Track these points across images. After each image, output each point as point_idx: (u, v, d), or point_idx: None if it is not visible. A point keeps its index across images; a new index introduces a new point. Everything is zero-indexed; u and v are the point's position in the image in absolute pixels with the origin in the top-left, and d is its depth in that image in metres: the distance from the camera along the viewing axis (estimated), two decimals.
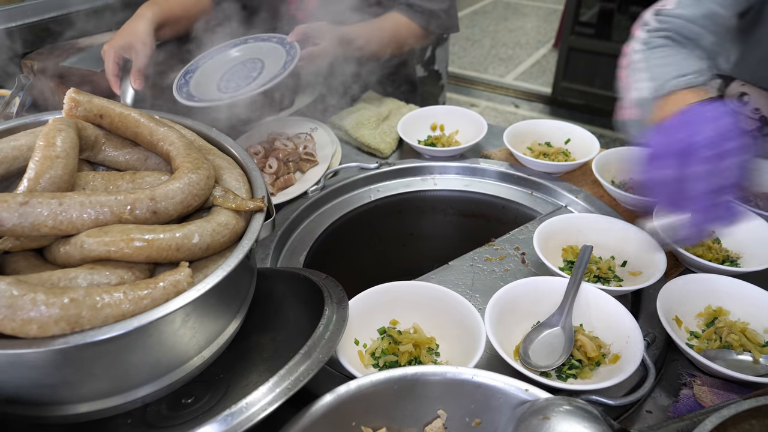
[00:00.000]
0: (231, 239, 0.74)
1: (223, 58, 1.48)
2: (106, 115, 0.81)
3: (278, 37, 1.47)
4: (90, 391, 0.64)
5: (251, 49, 1.49)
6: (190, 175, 0.74)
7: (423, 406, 0.70)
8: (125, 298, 0.62)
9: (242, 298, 0.80)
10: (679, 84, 0.96)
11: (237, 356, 0.80)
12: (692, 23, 1.11)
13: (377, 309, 0.92)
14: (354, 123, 1.50)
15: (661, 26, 1.14)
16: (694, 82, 0.96)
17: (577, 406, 0.64)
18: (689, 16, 1.11)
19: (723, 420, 0.69)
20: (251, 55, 1.47)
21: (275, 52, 1.43)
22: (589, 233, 1.08)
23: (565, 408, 0.64)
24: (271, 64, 1.38)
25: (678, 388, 0.85)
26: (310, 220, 1.24)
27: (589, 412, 0.63)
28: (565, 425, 0.62)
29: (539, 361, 0.85)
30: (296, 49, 1.38)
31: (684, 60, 1.04)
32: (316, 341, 0.70)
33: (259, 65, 1.42)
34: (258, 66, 1.41)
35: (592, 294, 0.91)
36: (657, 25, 1.14)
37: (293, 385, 0.64)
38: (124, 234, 0.66)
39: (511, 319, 0.90)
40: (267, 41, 1.49)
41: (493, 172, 1.36)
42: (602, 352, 0.86)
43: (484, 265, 1.11)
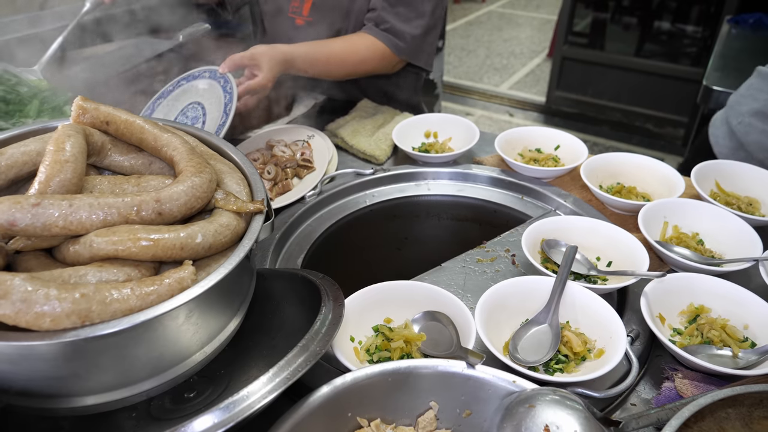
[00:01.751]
0: (232, 239, 0.77)
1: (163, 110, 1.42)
2: (112, 121, 0.84)
3: (210, 71, 1.41)
4: (97, 383, 0.67)
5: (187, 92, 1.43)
6: (194, 179, 0.77)
7: (416, 397, 0.73)
8: (133, 294, 0.65)
9: (242, 297, 0.83)
10: None
11: (237, 353, 0.83)
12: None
13: (372, 307, 0.96)
14: (350, 131, 1.54)
15: None
16: None
17: (561, 395, 0.67)
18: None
19: (700, 408, 0.72)
20: (189, 99, 1.41)
21: (213, 91, 1.37)
22: (576, 235, 1.12)
23: (550, 397, 0.67)
24: (212, 107, 1.33)
25: (661, 381, 0.88)
26: (308, 224, 1.27)
27: (572, 401, 0.66)
28: (550, 413, 0.65)
29: (527, 357, 0.88)
30: (232, 84, 1.33)
31: None
32: (313, 335, 0.73)
33: (200, 109, 1.36)
34: (199, 111, 1.36)
35: (578, 292, 0.95)
36: None
37: (291, 375, 0.67)
38: (131, 233, 0.69)
39: (500, 316, 0.94)
40: (200, 78, 1.43)
41: (485, 177, 1.40)
42: (587, 347, 0.90)
43: (476, 267, 1.15)
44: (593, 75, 4.61)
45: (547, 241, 1.11)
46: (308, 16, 1.69)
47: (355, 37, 1.61)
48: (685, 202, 1.21)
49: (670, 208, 1.19)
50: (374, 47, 1.60)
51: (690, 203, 1.20)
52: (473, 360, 0.73)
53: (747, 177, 1.31)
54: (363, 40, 1.60)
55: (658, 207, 1.19)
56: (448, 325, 0.90)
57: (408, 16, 1.61)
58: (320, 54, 1.54)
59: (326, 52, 1.55)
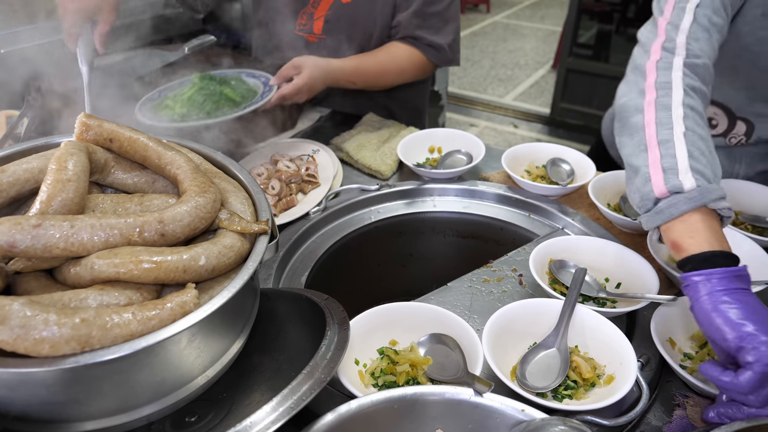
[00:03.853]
0: (236, 261, 0.76)
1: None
2: (116, 139, 0.83)
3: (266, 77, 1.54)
4: (97, 409, 0.66)
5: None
6: (197, 199, 0.76)
7: (422, 425, 0.72)
8: (134, 319, 0.64)
9: (246, 319, 0.82)
10: (718, 205, 0.87)
11: (240, 375, 0.81)
12: (711, 64, 1.05)
13: (377, 329, 0.94)
14: (355, 145, 1.53)
15: (693, 62, 1.02)
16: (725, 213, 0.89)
17: (572, 427, 0.65)
18: (710, 55, 1.05)
19: None
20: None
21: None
22: (584, 255, 1.10)
23: (560, 428, 0.66)
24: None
25: (672, 408, 0.86)
26: (312, 241, 1.26)
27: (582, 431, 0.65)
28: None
29: (536, 382, 0.86)
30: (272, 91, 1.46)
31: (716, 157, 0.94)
32: (318, 361, 0.72)
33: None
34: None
35: (587, 316, 0.93)
36: (689, 58, 1.02)
37: (296, 404, 0.65)
38: (133, 256, 0.68)
39: (507, 340, 0.92)
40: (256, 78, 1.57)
41: (491, 194, 1.39)
42: (597, 373, 0.88)
43: (482, 287, 1.13)
44: (598, 87, 4.60)
45: (555, 261, 1.09)
46: (321, 33, 1.69)
47: (394, 48, 1.67)
48: None
49: None
50: (413, 57, 1.67)
51: None
52: (481, 388, 0.72)
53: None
54: (402, 51, 1.67)
55: None
56: (454, 349, 0.88)
57: (439, 27, 1.67)
58: (368, 67, 1.62)
59: (373, 64, 1.63)
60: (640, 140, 0.95)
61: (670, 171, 0.89)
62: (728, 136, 1.41)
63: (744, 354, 0.75)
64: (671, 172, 0.89)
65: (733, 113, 1.38)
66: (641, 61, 1.05)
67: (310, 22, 1.70)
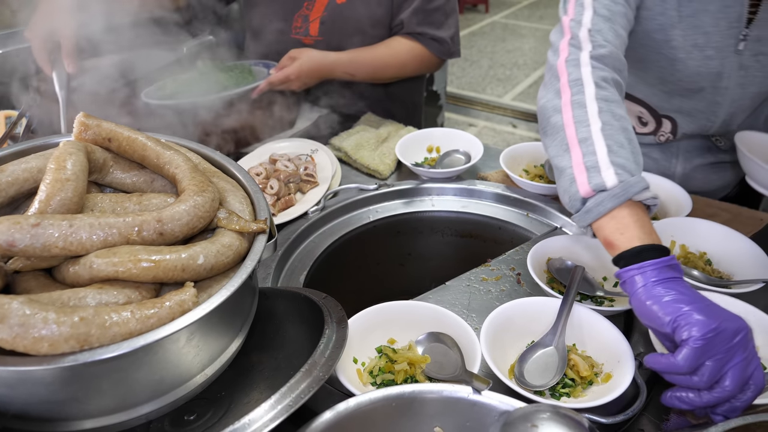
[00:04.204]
0: (234, 260, 0.76)
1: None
2: (115, 138, 0.84)
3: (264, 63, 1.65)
4: (96, 407, 0.66)
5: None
6: (196, 198, 0.76)
7: (420, 423, 0.72)
8: (132, 317, 0.64)
9: (244, 317, 0.82)
10: (642, 196, 0.88)
11: (238, 374, 0.82)
12: (619, 51, 1.06)
13: (376, 328, 0.94)
14: (353, 145, 1.53)
15: (600, 52, 1.03)
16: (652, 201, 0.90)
17: (562, 414, 0.66)
18: (615, 42, 1.06)
19: None
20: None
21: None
22: (582, 254, 1.10)
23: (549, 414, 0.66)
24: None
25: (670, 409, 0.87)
26: (310, 240, 1.26)
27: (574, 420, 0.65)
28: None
29: (533, 380, 0.87)
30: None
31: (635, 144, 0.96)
32: (316, 360, 0.72)
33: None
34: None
35: (585, 314, 0.93)
36: (594, 49, 1.03)
37: (294, 402, 0.66)
38: (131, 255, 0.68)
39: (505, 338, 0.92)
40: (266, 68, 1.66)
41: (489, 193, 1.39)
42: (595, 371, 0.89)
43: (481, 285, 1.14)
44: None
45: (552, 260, 1.09)
46: (318, 35, 1.70)
47: (395, 42, 1.70)
48: (693, 221, 1.19)
49: (678, 227, 1.18)
50: (414, 51, 1.70)
51: (698, 222, 1.19)
52: (479, 386, 0.72)
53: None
54: (403, 45, 1.69)
55: (665, 226, 1.17)
56: (452, 347, 0.88)
57: (441, 21, 1.70)
58: (365, 59, 1.66)
59: (370, 56, 1.66)
60: (562, 140, 0.96)
61: (593, 169, 0.90)
62: (657, 134, 1.43)
63: (679, 332, 0.76)
64: (594, 171, 0.90)
65: (657, 112, 1.40)
66: (553, 62, 1.07)
67: (305, 25, 1.70)
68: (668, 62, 1.26)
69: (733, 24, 1.18)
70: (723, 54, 1.22)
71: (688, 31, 1.20)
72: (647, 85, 1.36)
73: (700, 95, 1.30)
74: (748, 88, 1.27)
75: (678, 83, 1.29)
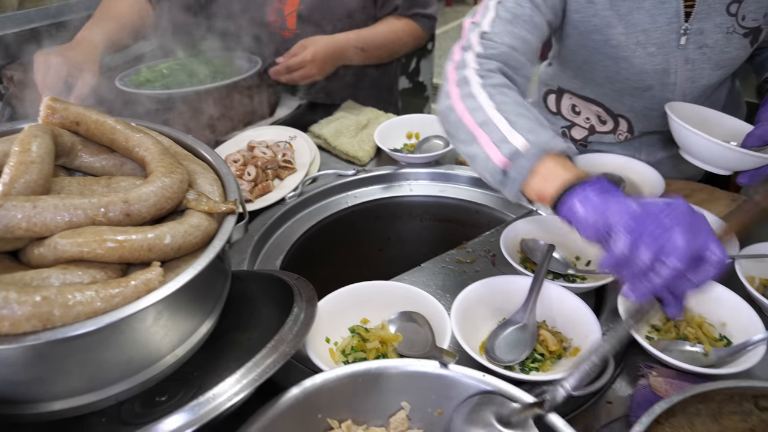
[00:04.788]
0: (203, 240, 0.76)
1: None
2: (83, 122, 0.83)
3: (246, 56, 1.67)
4: (64, 388, 0.66)
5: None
6: (164, 179, 0.76)
7: (387, 398, 0.73)
8: (97, 296, 0.64)
9: (216, 299, 0.82)
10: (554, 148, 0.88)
11: (211, 355, 0.82)
12: (516, 51, 1.07)
13: (349, 308, 0.95)
14: (333, 131, 1.53)
15: (489, 52, 1.05)
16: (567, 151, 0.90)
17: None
18: (510, 42, 1.07)
19: (672, 404, 0.72)
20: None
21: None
22: (555, 234, 1.11)
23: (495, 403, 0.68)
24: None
25: (636, 379, 0.88)
26: (287, 226, 1.27)
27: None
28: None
29: (503, 356, 0.88)
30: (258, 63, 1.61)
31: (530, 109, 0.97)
32: (283, 336, 0.73)
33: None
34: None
35: (555, 292, 0.94)
36: (484, 50, 1.05)
37: (259, 377, 0.66)
38: (96, 235, 0.68)
39: (477, 316, 0.93)
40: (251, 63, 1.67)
41: (466, 177, 1.40)
42: (564, 346, 0.90)
43: (456, 267, 1.14)
44: None
45: (526, 240, 1.10)
46: (296, 28, 1.70)
47: (390, 21, 1.76)
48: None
49: None
50: (410, 28, 1.77)
51: None
52: (446, 359, 0.73)
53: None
54: (399, 23, 1.76)
55: None
56: (424, 326, 0.89)
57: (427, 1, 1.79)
58: (370, 38, 1.70)
59: (371, 34, 1.71)
60: (465, 132, 0.96)
61: (501, 142, 0.90)
62: (616, 133, 1.44)
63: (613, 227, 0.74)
64: (502, 142, 0.90)
65: (612, 111, 1.41)
66: (445, 67, 1.09)
67: (281, 19, 1.71)
68: (612, 61, 1.25)
69: (672, 19, 1.17)
70: (666, 50, 1.21)
71: (628, 30, 1.19)
72: (597, 85, 1.36)
73: (650, 93, 1.30)
74: (698, 81, 1.26)
75: (626, 82, 1.28)
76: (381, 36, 1.72)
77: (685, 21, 1.17)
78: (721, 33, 1.18)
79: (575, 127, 1.49)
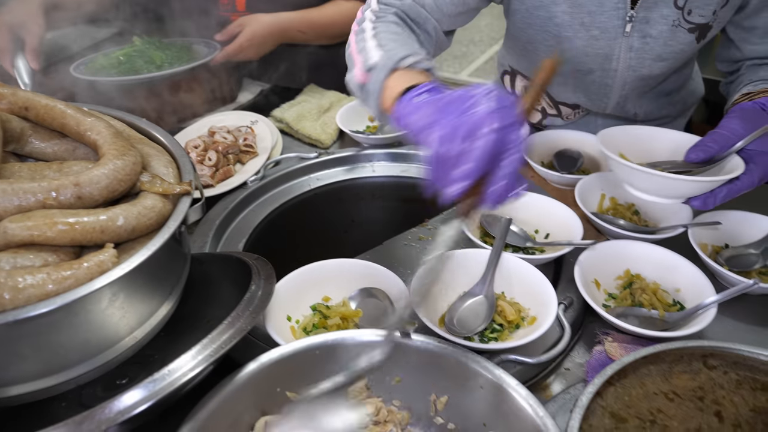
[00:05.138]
0: (158, 222, 0.76)
1: None
2: (32, 107, 0.82)
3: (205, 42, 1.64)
4: (19, 373, 0.65)
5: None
6: (116, 161, 0.76)
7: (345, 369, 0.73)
8: (49, 279, 0.64)
9: (174, 281, 0.82)
10: (408, 62, 0.90)
11: (172, 338, 0.82)
12: (421, 6, 1.12)
13: (310, 287, 0.96)
14: (295, 115, 1.53)
15: (387, 1, 1.11)
16: (425, 65, 0.91)
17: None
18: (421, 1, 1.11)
19: (623, 366, 0.74)
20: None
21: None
22: (513, 209, 1.12)
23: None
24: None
25: (593, 345, 0.90)
26: (250, 210, 1.26)
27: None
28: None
29: (463, 328, 0.89)
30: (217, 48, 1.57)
31: (411, 40, 1.03)
32: (240, 312, 0.73)
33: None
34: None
35: (513, 263, 0.96)
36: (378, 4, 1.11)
37: (215, 351, 0.67)
38: (47, 218, 0.68)
39: (437, 290, 0.94)
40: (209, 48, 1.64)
41: None
42: (521, 315, 0.92)
43: (417, 244, 1.16)
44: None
45: (485, 216, 1.12)
46: (245, 10, 1.69)
47: (342, 2, 1.72)
48: None
49: (607, 180, 1.21)
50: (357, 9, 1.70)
51: None
52: (406, 328, 0.74)
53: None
54: (348, 4, 1.72)
55: (595, 180, 1.21)
56: (384, 300, 0.90)
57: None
58: (316, 19, 1.67)
59: (318, 15, 1.68)
60: (350, 61, 1.03)
61: (366, 60, 0.96)
62: (563, 116, 1.47)
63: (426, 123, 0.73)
64: (366, 60, 0.96)
65: (554, 99, 1.43)
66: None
67: (231, 2, 1.69)
68: (555, 41, 1.25)
69: (619, 5, 1.15)
70: (610, 35, 1.19)
71: (573, 9, 1.18)
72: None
73: (590, 78, 1.30)
74: (639, 71, 1.25)
75: (567, 63, 1.28)
76: (327, 18, 1.69)
77: (632, 8, 1.15)
78: (666, 25, 1.16)
79: None
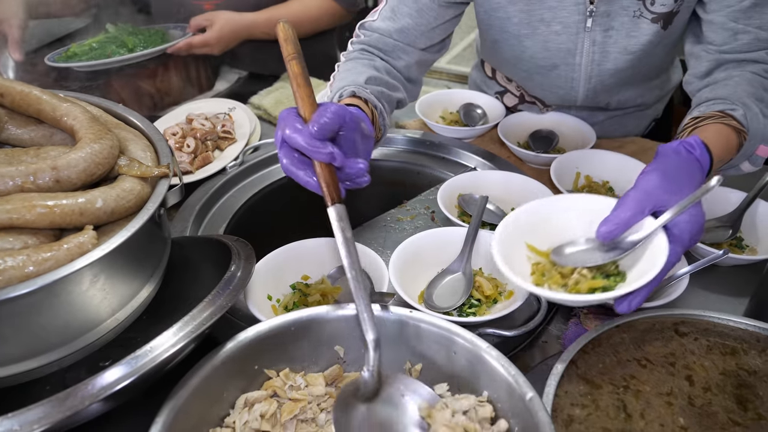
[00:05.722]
0: (137, 204, 0.76)
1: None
2: (7, 93, 0.82)
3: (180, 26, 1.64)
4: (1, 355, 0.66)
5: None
6: (93, 145, 0.76)
7: (321, 344, 0.75)
8: (29, 260, 0.64)
9: (155, 263, 0.83)
10: (346, 92, 1.00)
11: (154, 321, 0.82)
12: (388, 37, 1.19)
13: (289, 266, 0.97)
14: (273, 102, 1.54)
15: (361, 39, 1.21)
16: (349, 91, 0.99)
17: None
18: (384, 29, 1.18)
19: (597, 335, 0.77)
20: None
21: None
22: (490, 188, 1.15)
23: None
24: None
25: (569, 318, 0.93)
26: (230, 195, 1.27)
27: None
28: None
29: (442, 304, 0.91)
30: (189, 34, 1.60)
31: (360, 70, 1.09)
32: (220, 290, 0.74)
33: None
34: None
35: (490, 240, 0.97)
36: (359, 38, 1.21)
37: (196, 329, 0.68)
38: (25, 201, 0.68)
39: (416, 268, 0.96)
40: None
41: (407, 140, 1.42)
42: (499, 290, 0.94)
43: (396, 225, 1.17)
44: None
45: (463, 195, 1.14)
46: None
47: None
48: (596, 152, 1.26)
49: (582, 158, 1.24)
50: (327, 6, 1.77)
51: (602, 154, 1.25)
52: (385, 300, 0.76)
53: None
54: (315, 1, 1.75)
55: (571, 159, 1.23)
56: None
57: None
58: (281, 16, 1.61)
59: (285, 13, 1.71)
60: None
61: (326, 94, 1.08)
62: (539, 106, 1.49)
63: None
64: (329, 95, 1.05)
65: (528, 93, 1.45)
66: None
67: None
68: (516, 39, 1.26)
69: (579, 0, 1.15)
70: (572, 30, 1.19)
71: (531, 6, 1.18)
72: (510, 65, 1.38)
73: (555, 72, 1.30)
74: (604, 65, 1.24)
75: (531, 60, 1.29)
76: (293, 15, 1.72)
77: (591, 2, 1.14)
78: (627, 16, 1.15)
79: (507, 94, 1.52)
